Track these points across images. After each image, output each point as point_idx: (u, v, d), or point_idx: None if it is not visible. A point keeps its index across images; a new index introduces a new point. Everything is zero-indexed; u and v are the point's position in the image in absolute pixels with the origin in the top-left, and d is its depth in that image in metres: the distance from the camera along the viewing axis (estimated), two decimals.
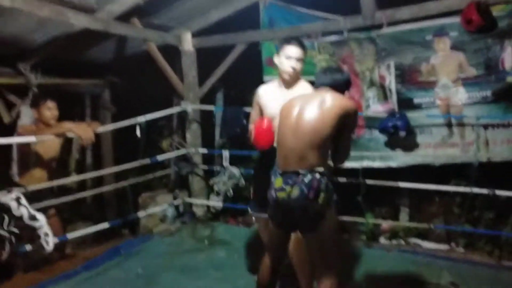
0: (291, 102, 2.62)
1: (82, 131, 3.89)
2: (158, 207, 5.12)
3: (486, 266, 3.87)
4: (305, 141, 2.42)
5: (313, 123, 2.44)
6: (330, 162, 2.67)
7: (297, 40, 3.07)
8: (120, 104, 6.01)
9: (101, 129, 4.38)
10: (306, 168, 2.39)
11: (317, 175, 2.38)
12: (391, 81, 4.37)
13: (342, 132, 2.50)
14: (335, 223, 2.50)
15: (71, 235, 4.17)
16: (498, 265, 3.90)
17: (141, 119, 4.49)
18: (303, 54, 3.05)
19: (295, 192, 2.36)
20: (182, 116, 5.53)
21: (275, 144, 2.81)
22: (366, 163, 4.46)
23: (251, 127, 3.24)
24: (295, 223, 2.48)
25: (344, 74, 2.73)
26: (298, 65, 3.03)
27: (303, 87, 3.09)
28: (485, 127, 4.04)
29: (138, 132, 4.44)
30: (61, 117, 4.15)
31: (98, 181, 5.68)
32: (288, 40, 3.09)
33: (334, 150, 2.58)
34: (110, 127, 5.03)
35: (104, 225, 4.45)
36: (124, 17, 4.49)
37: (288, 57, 3.01)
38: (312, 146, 2.41)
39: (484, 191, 3.91)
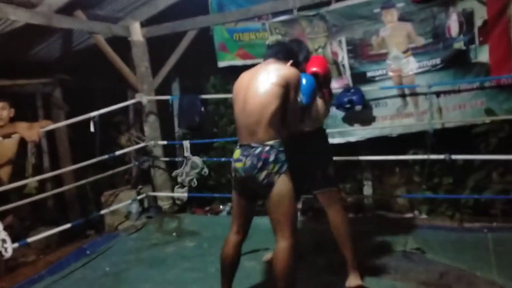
0: (240, 80, 2.76)
1: (25, 130, 3.75)
2: (122, 204, 5.02)
3: (449, 230, 3.99)
4: (253, 118, 2.57)
5: (260, 99, 2.57)
6: None
7: None
8: (73, 102, 5.81)
9: (51, 126, 4.23)
10: (257, 142, 2.57)
11: (266, 148, 2.55)
12: (343, 57, 4.40)
13: (287, 100, 2.61)
14: (288, 190, 2.60)
15: (31, 239, 4.03)
16: (460, 227, 4.04)
17: (94, 113, 4.36)
18: None
19: (248, 163, 2.56)
20: (139, 109, 5.41)
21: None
22: None
23: None
24: (252, 191, 2.66)
25: (287, 44, 2.96)
26: None
27: None
28: (437, 94, 4.13)
29: (92, 127, 4.31)
30: (15, 120, 3.99)
31: (58, 184, 5.50)
32: None
33: (283, 117, 2.67)
34: (61, 124, 4.87)
35: (66, 226, 4.32)
36: (67, 10, 4.36)
37: None
38: (260, 122, 2.56)
39: (441, 157, 3.99)
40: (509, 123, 3.89)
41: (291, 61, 2.76)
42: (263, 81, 2.59)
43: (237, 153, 2.65)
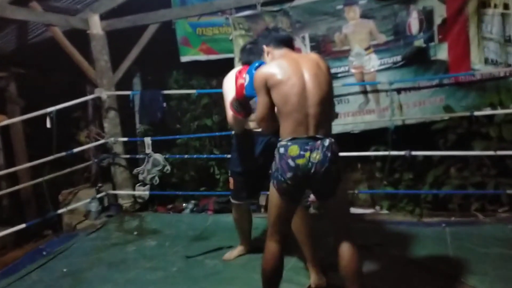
0: (281, 72, 2.35)
1: None
2: (81, 202, 4.87)
3: (409, 225, 4.04)
4: (318, 108, 2.32)
5: (321, 88, 2.34)
6: None
7: None
8: (29, 97, 5.60)
9: (5, 122, 4.07)
10: (322, 134, 2.32)
11: (332, 139, 2.34)
12: (307, 53, 4.39)
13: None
14: (349, 185, 2.52)
15: None
16: (419, 222, 4.10)
17: (51, 109, 4.21)
18: None
19: (317, 157, 2.26)
20: (98, 105, 5.25)
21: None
22: None
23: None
24: (312, 190, 2.46)
25: (283, 32, 2.72)
26: None
27: None
28: (398, 91, 4.21)
29: (48, 123, 4.16)
30: None
31: (13, 183, 5.28)
32: None
33: None
34: (16, 119, 4.68)
35: (21, 226, 4.16)
36: (22, 1, 4.18)
37: None
38: (325, 112, 2.35)
39: (402, 153, 4.06)
40: (466, 119, 3.98)
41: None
42: (320, 70, 2.36)
43: (294, 148, 2.27)
